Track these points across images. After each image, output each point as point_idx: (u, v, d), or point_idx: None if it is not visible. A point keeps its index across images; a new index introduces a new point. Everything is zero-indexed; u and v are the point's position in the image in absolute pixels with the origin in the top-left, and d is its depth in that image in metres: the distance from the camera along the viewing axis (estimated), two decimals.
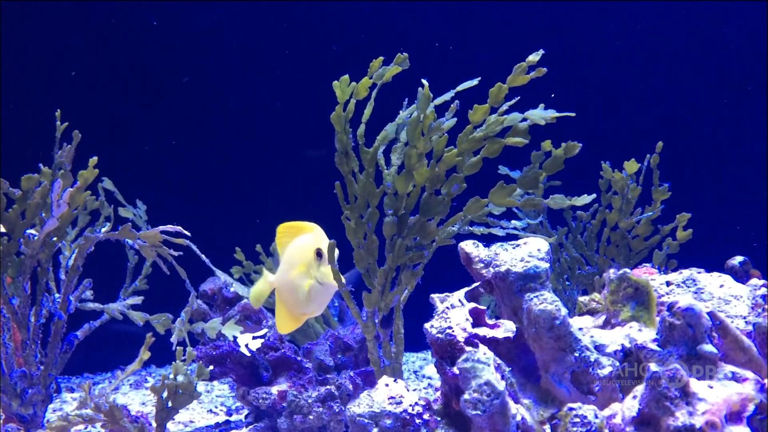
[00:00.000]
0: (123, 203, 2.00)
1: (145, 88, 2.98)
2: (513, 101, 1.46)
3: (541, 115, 1.43)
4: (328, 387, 1.66)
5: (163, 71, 3.01)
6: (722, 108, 3.24)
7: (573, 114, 1.41)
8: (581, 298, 1.39)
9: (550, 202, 1.50)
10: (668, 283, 1.34)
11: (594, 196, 1.52)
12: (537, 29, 3.16)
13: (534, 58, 1.41)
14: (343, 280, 1.47)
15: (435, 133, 1.48)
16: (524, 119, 1.43)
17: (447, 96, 1.49)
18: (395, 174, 1.54)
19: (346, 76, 1.50)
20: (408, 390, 1.24)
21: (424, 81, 1.47)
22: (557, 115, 1.43)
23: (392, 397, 1.22)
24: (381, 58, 1.50)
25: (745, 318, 1.25)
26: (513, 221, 1.61)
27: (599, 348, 1.22)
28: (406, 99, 1.56)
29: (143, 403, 2.22)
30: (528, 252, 1.29)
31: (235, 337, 1.67)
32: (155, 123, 2.97)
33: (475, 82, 1.47)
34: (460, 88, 1.48)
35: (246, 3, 3.00)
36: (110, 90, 2.93)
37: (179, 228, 1.58)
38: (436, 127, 1.47)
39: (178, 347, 1.48)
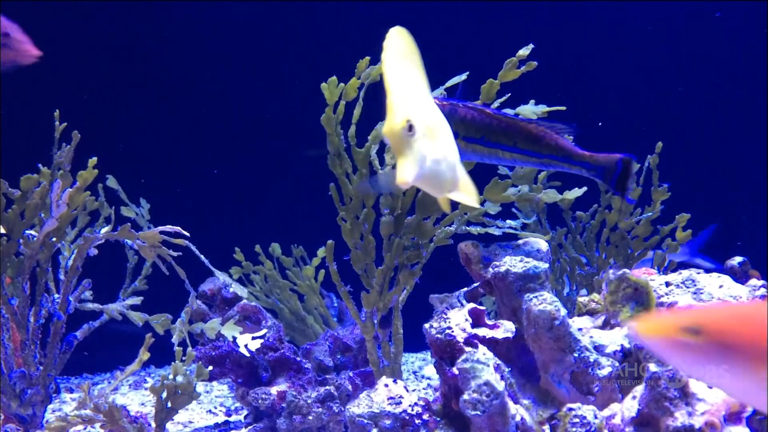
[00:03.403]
0: (126, 202, 2.00)
1: (145, 89, 2.98)
2: (504, 98, 1.46)
3: (532, 110, 1.43)
4: (327, 387, 1.66)
5: (163, 71, 3.01)
6: (722, 108, 3.24)
7: (564, 108, 1.41)
8: (580, 299, 1.39)
9: (543, 196, 1.51)
10: (668, 284, 1.34)
11: (585, 189, 1.52)
12: (535, 27, 3.16)
13: (524, 52, 1.41)
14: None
15: None
16: (516, 115, 1.44)
17: (437, 92, 1.49)
18: None
19: (334, 78, 1.50)
20: (407, 390, 1.24)
21: None
22: (548, 109, 1.43)
23: (391, 398, 1.22)
24: (368, 58, 1.50)
25: None
26: (508, 221, 1.61)
27: (599, 348, 1.22)
28: None
29: (142, 404, 2.22)
30: (527, 252, 1.29)
31: (234, 338, 1.67)
32: (154, 123, 2.97)
33: (463, 77, 1.47)
34: (449, 83, 1.49)
35: (245, 3, 3.00)
36: (110, 90, 2.93)
37: (178, 228, 1.58)
38: None
39: (177, 348, 1.48)
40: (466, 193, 1.10)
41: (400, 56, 1.03)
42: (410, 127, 0.98)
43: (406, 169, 0.98)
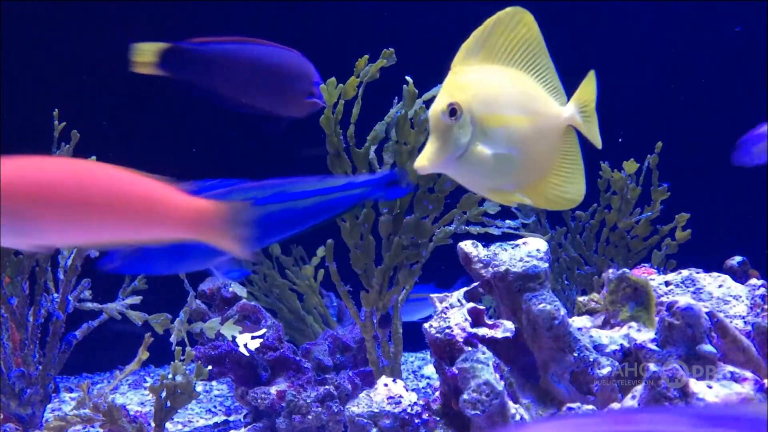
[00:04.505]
0: None
1: (145, 87, 2.97)
2: None
3: None
4: (326, 387, 1.66)
5: None
6: (722, 107, 3.23)
7: None
8: (580, 298, 1.39)
9: None
10: (667, 283, 1.34)
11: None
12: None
13: None
14: None
15: (425, 126, 1.48)
16: None
17: (435, 91, 1.49)
18: None
19: (333, 79, 1.50)
20: (407, 390, 1.24)
21: (408, 78, 1.48)
22: None
23: (391, 397, 1.21)
24: (366, 57, 1.50)
25: (744, 318, 1.25)
26: (508, 221, 1.61)
27: (598, 348, 1.22)
28: (396, 98, 1.56)
29: (142, 403, 2.22)
30: (527, 252, 1.29)
31: (233, 337, 1.66)
32: (154, 122, 2.96)
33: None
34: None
35: (245, 3, 3.00)
36: (109, 89, 2.93)
37: None
38: (425, 121, 1.47)
39: (177, 347, 1.48)
40: (528, 199, 1.02)
41: (488, 38, 0.97)
42: (452, 111, 0.91)
43: (428, 155, 0.92)
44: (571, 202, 1.05)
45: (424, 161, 0.92)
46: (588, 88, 1.09)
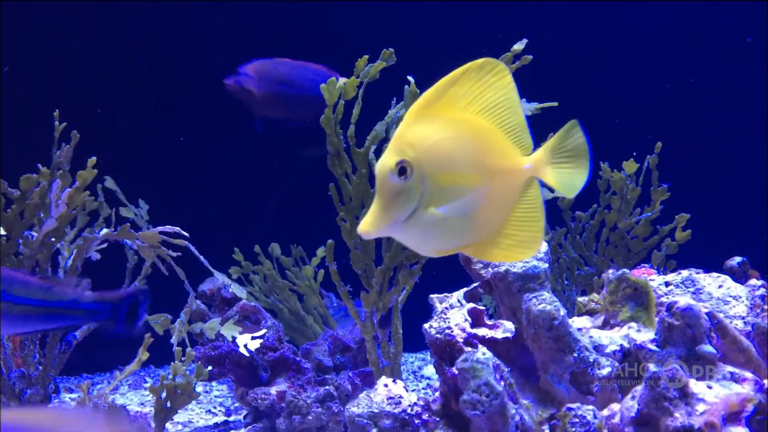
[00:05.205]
0: (125, 203, 2.00)
1: (144, 88, 2.98)
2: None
3: (525, 106, 1.43)
4: (326, 387, 1.66)
5: (163, 70, 3.00)
6: (722, 107, 3.23)
7: (555, 104, 1.40)
8: (580, 299, 1.39)
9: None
10: (667, 284, 1.34)
11: None
12: (534, 26, 3.16)
13: (519, 47, 1.41)
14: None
15: None
16: None
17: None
18: None
19: (333, 78, 1.50)
20: (407, 390, 1.24)
21: (410, 78, 1.47)
22: (540, 106, 1.43)
23: (391, 398, 1.21)
24: (366, 57, 1.50)
25: (743, 318, 1.25)
26: None
27: (598, 348, 1.22)
28: (395, 98, 1.56)
29: (142, 404, 2.22)
30: None
31: (233, 338, 1.66)
32: (153, 123, 2.97)
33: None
34: None
35: (245, 3, 3.00)
36: (109, 90, 2.93)
37: (177, 229, 1.58)
38: None
39: (177, 348, 1.48)
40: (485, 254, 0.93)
41: (451, 87, 0.89)
42: (401, 170, 0.85)
43: (371, 219, 0.84)
44: (527, 254, 0.99)
45: (367, 226, 0.85)
46: (560, 139, 0.99)
